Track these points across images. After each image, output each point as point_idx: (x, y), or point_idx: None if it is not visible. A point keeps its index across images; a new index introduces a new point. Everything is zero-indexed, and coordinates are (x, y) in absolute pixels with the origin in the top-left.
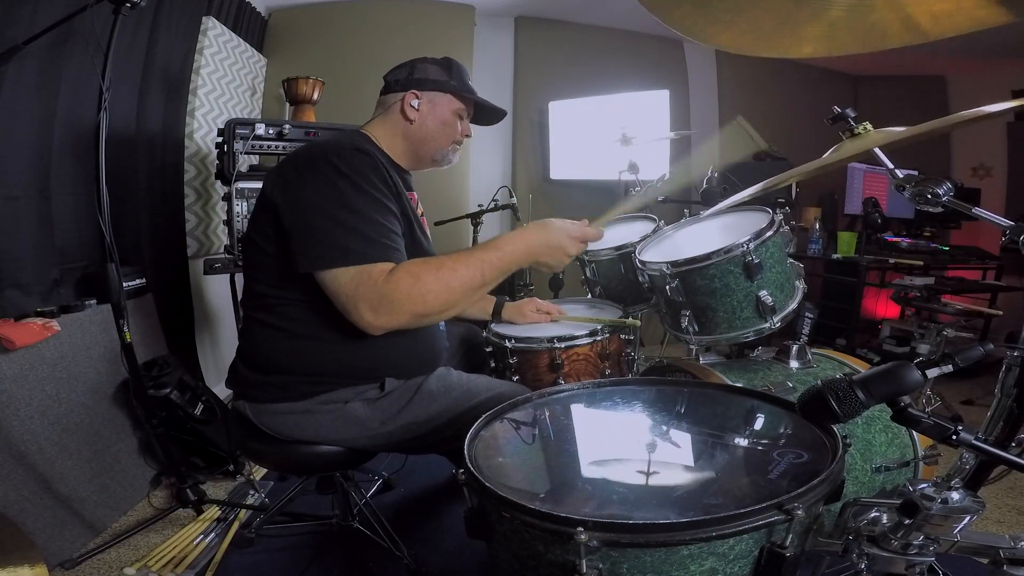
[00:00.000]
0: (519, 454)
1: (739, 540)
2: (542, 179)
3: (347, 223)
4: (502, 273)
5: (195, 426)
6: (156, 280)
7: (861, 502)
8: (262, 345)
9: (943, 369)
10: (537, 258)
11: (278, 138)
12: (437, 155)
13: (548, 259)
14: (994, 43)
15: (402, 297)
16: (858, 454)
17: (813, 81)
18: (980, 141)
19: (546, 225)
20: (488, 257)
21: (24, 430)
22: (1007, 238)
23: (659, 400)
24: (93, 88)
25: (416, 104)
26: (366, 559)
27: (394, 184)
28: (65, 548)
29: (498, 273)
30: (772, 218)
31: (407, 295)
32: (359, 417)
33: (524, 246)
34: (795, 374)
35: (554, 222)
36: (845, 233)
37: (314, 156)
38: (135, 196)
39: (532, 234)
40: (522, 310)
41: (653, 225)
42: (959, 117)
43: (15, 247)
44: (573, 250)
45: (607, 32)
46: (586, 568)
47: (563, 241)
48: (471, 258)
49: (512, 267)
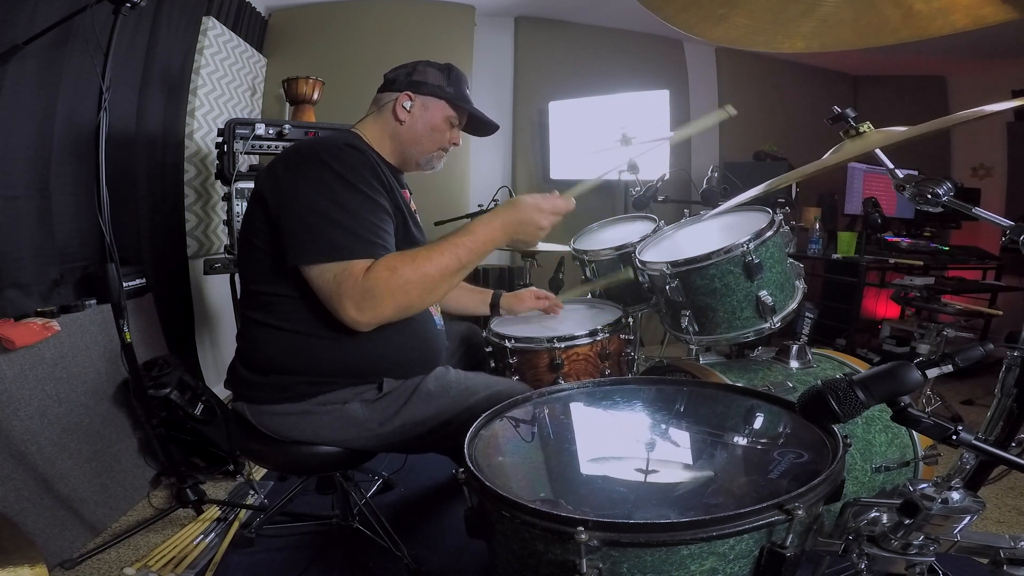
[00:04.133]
0: (519, 453)
1: (739, 540)
2: (542, 179)
3: (336, 219)
4: (479, 255)
5: (195, 426)
6: (156, 280)
7: (861, 502)
8: (260, 344)
9: (943, 369)
10: (512, 235)
11: (278, 138)
12: (421, 159)
13: (523, 235)
14: (994, 43)
15: (381, 291)
16: (858, 454)
17: (813, 81)
18: (980, 141)
19: (516, 203)
20: (462, 241)
21: (24, 430)
22: (1007, 238)
23: (659, 399)
24: (93, 88)
25: (408, 106)
26: (366, 559)
27: (387, 180)
28: (65, 548)
29: (475, 256)
30: (772, 218)
31: (386, 288)
32: (358, 418)
33: (498, 224)
34: (795, 374)
35: (524, 198)
36: (845, 233)
37: (305, 153)
38: (135, 196)
39: (503, 213)
40: (520, 297)
41: (653, 225)
42: (959, 117)
43: (15, 247)
44: (546, 222)
45: (607, 32)
46: (586, 568)
47: (534, 216)
48: (445, 244)
49: (488, 247)
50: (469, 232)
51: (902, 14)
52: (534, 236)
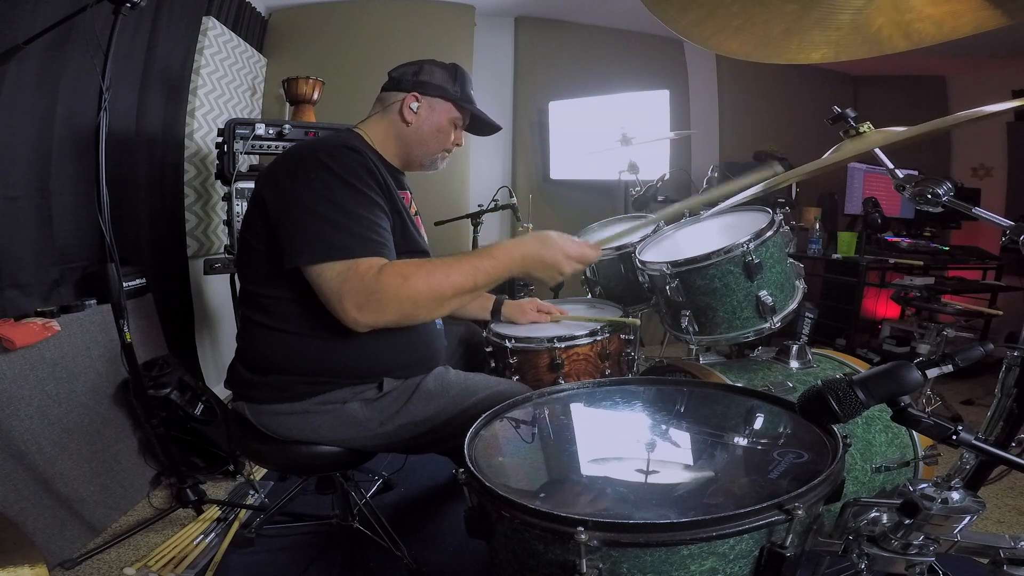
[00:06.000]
0: (519, 453)
1: (739, 540)
2: (542, 179)
3: (334, 219)
4: (493, 280)
5: (195, 426)
6: (156, 280)
7: (861, 502)
8: (259, 345)
9: (943, 369)
10: (530, 270)
11: (278, 138)
12: (426, 160)
13: (540, 273)
14: (994, 44)
15: (389, 297)
16: (858, 454)
17: (813, 81)
18: (980, 141)
19: (545, 240)
20: (482, 264)
21: (24, 430)
22: (1007, 238)
23: (659, 400)
24: (93, 88)
25: (415, 107)
26: (366, 559)
27: (385, 182)
28: (65, 548)
29: (490, 281)
30: (772, 218)
31: (395, 295)
32: (358, 418)
33: (520, 256)
34: (795, 374)
35: (554, 237)
36: (845, 233)
37: (303, 154)
38: (135, 196)
39: (530, 246)
40: (523, 308)
41: (653, 225)
42: (959, 117)
43: (15, 247)
44: (567, 269)
45: (607, 32)
46: (586, 568)
47: (558, 259)
48: (463, 264)
49: (504, 276)
50: (490, 257)
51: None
52: (551, 278)
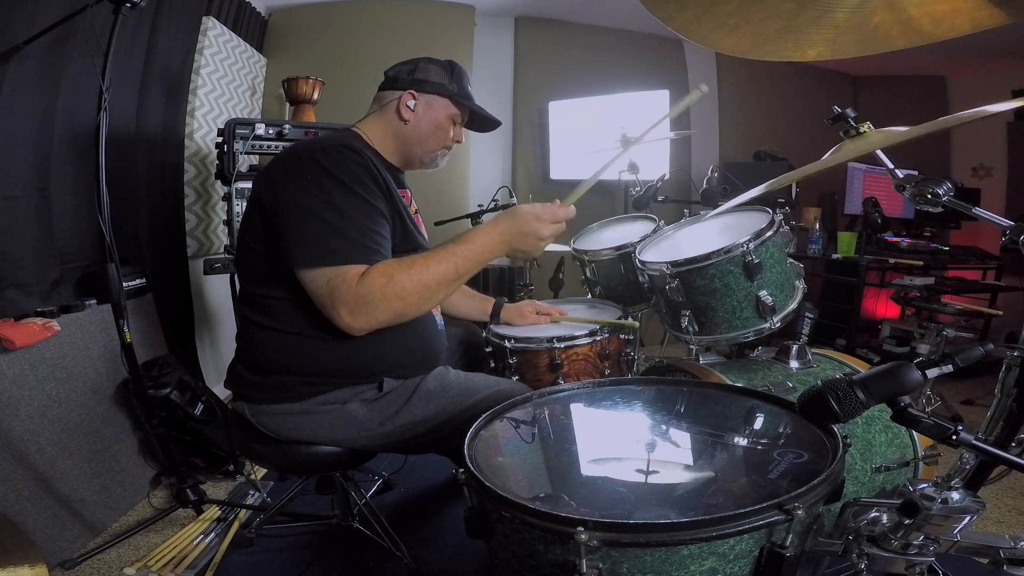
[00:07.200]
0: (519, 453)
1: (739, 540)
2: (542, 179)
3: (331, 223)
4: (477, 265)
5: (195, 426)
6: (156, 280)
7: (861, 502)
8: (259, 345)
9: (943, 369)
10: (511, 245)
11: (278, 138)
12: (426, 158)
13: (522, 245)
14: (994, 43)
15: (377, 298)
16: (858, 454)
17: (813, 81)
18: (980, 141)
19: (514, 212)
20: (460, 250)
21: (24, 430)
22: (1007, 238)
23: (659, 400)
24: (93, 88)
25: (412, 105)
26: (366, 559)
27: (384, 182)
28: (65, 548)
29: (472, 265)
30: (772, 218)
31: (382, 295)
32: (358, 418)
33: (496, 234)
34: (795, 374)
35: (522, 207)
36: (845, 233)
37: (302, 155)
38: (135, 196)
39: (502, 223)
40: (521, 311)
41: (653, 225)
42: (959, 117)
43: (15, 247)
44: (546, 232)
45: (607, 32)
46: (586, 568)
47: (533, 225)
48: (443, 253)
49: (486, 256)
50: (467, 241)
51: (905, 20)
52: (534, 246)
